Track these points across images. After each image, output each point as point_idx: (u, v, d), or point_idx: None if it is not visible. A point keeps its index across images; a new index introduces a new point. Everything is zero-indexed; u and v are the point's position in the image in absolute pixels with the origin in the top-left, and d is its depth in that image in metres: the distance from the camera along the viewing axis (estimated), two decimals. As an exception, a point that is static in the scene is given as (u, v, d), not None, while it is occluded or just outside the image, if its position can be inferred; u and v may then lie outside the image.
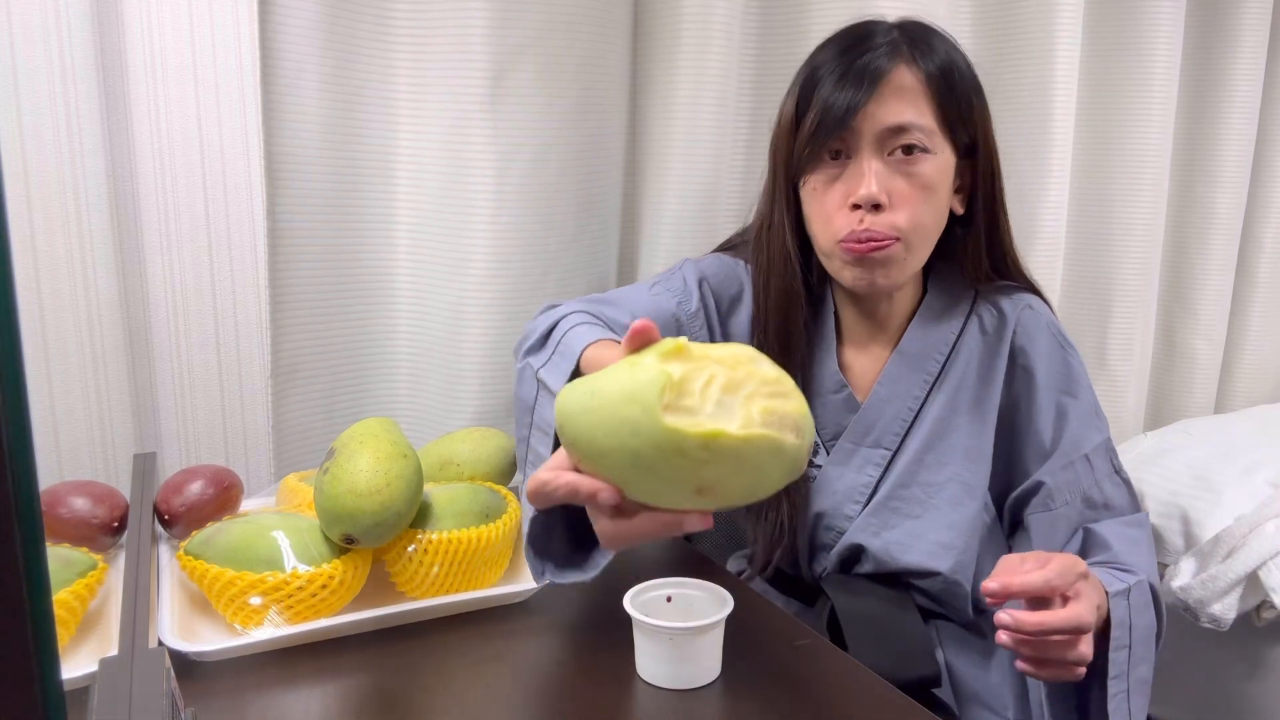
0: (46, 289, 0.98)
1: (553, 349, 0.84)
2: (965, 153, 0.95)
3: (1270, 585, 1.23)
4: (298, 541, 0.82)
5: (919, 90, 0.90)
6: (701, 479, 0.53)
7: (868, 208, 0.89)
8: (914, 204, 0.90)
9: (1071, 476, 0.95)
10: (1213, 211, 1.68)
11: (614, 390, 0.53)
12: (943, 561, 0.95)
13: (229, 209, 1.07)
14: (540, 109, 1.18)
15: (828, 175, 0.92)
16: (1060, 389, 0.98)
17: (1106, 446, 0.98)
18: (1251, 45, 1.62)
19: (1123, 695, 0.84)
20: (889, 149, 0.89)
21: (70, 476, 0.99)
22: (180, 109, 1.03)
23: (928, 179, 0.90)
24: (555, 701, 0.74)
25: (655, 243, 1.30)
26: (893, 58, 0.89)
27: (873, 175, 0.89)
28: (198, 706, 0.72)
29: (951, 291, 1.01)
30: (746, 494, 0.55)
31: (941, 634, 0.98)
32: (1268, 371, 1.82)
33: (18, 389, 0.27)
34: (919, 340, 0.99)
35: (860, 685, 0.77)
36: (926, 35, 0.93)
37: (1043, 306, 1.02)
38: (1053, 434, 0.97)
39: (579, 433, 0.55)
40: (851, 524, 0.98)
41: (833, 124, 0.89)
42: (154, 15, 1.00)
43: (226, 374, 1.10)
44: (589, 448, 0.55)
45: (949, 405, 0.98)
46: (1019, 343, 0.99)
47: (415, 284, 1.22)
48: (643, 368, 0.53)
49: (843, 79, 0.89)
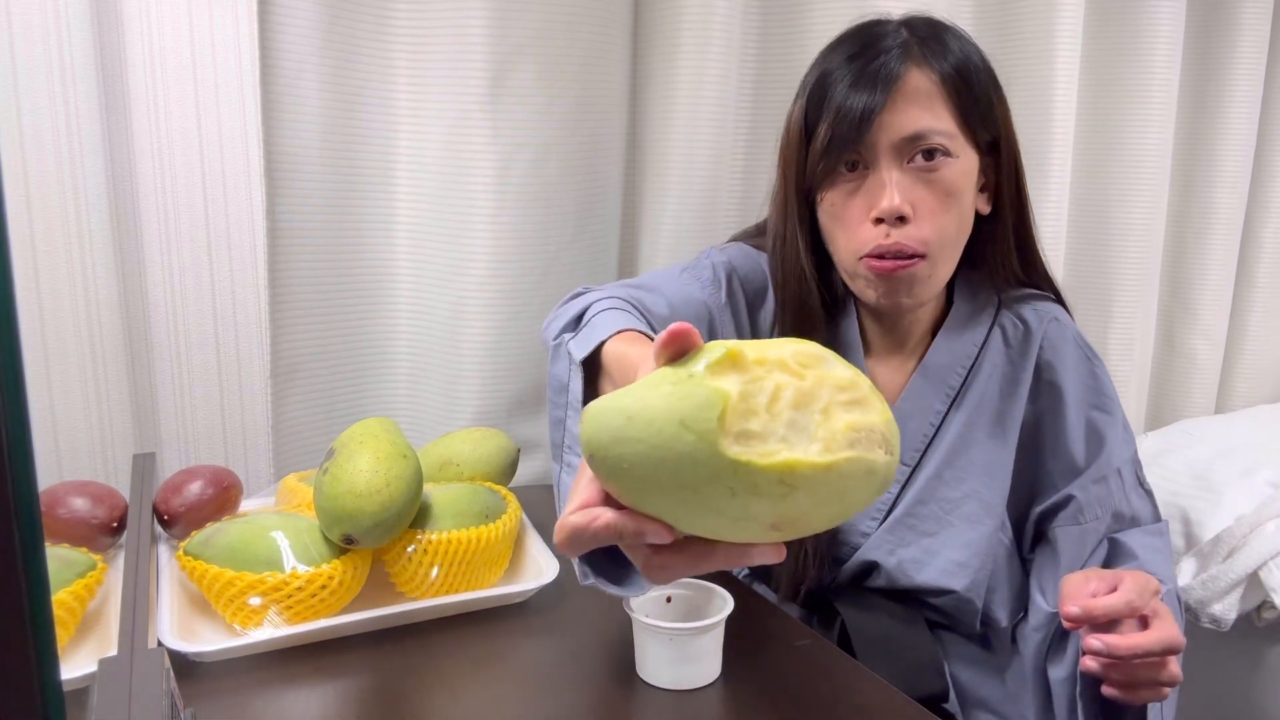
0: (46, 289, 0.98)
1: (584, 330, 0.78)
2: (988, 150, 0.90)
3: (1271, 585, 1.23)
4: (297, 542, 0.82)
5: (935, 93, 0.85)
6: (778, 515, 0.43)
7: (891, 221, 0.85)
8: (938, 214, 0.86)
9: (1104, 491, 0.94)
10: (1213, 212, 1.68)
11: (658, 414, 0.43)
12: (957, 580, 0.93)
13: (229, 209, 1.07)
14: (540, 109, 1.18)
15: (846, 189, 0.87)
16: (1091, 404, 0.95)
17: (1134, 460, 0.96)
18: (1251, 45, 1.62)
19: (1159, 706, 0.83)
20: (908, 157, 0.85)
21: (70, 477, 0.99)
22: (180, 109, 1.03)
23: (951, 185, 0.86)
24: (555, 701, 0.74)
25: (655, 243, 1.30)
26: (904, 61, 0.85)
27: (894, 187, 0.84)
28: (197, 707, 0.72)
29: (976, 300, 0.98)
30: (829, 523, 0.46)
31: (946, 645, 0.98)
32: (1268, 372, 1.82)
33: (18, 389, 0.27)
34: (944, 354, 0.96)
35: (860, 685, 0.77)
36: (937, 32, 0.88)
37: (1068, 319, 0.98)
38: (1085, 450, 0.94)
39: (616, 466, 0.45)
40: (867, 540, 0.95)
41: (848, 136, 0.84)
42: (153, 15, 1.00)
43: (226, 374, 1.10)
44: (631, 484, 0.45)
45: (969, 421, 0.95)
46: (1045, 357, 0.95)
47: (415, 284, 1.22)
48: (692, 384, 0.43)
49: (854, 87, 0.85)
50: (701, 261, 0.98)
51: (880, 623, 0.94)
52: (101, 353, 1.01)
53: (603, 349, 0.70)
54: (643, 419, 0.43)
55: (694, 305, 0.92)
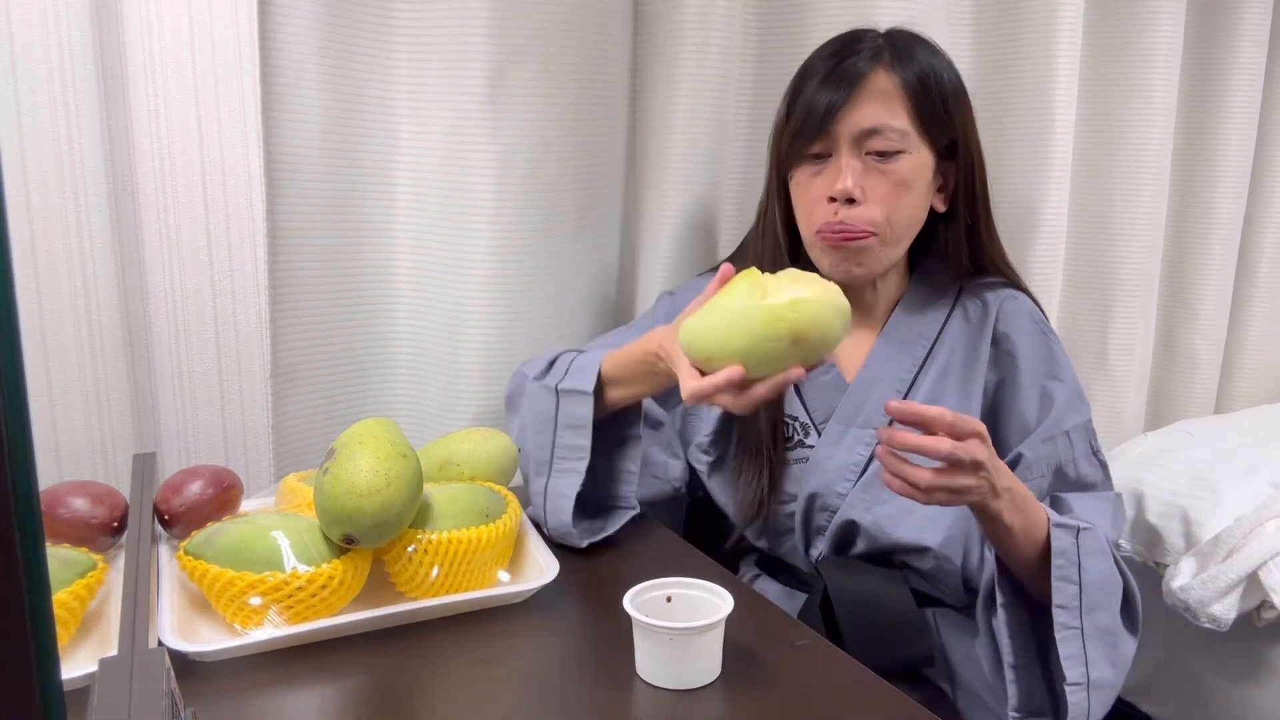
0: (46, 289, 0.98)
1: (564, 371, 1.00)
2: (946, 153, 1.00)
3: (1270, 585, 1.23)
4: (297, 541, 0.82)
5: (894, 94, 0.96)
6: (794, 330, 0.76)
7: (842, 201, 0.96)
8: (888, 199, 0.96)
9: (1050, 450, 0.98)
10: (1213, 212, 1.68)
11: (724, 304, 0.79)
12: (932, 535, 0.98)
13: (229, 209, 1.07)
14: (540, 109, 1.18)
15: (810, 171, 1.00)
16: (1044, 373, 1.01)
17: (1087, 427, 1.00)
18: (1251, 46, 1.62)
19: (1075, 632, 0.85)
20: (865, 149, 0.96)
21: (70, 476, 0.99)
22: (180, 109, 1.03)
23: (903, 176, 0.96)
24: (555, 701, 0.74)
25: (655, 242, 1.30)
26: (873, 62, 0.96)
27: (848, 171, 0.96)
28: (198, 706, 0.72)
29: (936, 284, 1.06)
30: (823, 342, 0.78)
31: (939, 620, 1.00)
32: (1268, 371, 1.82)
33: (18, 389, 0.27)
34: (904, 325, 1.05)
35: (860, 686, 0.77)
36: (910, 44, 0.99)
37: (1024, 298, 1.06)
38: (1037, 413, 1.00)
39: (708, 341, 0.79)
40: (844, 501, 1.00)
41: (813, 126, 0.97)
42: (153, 15, 1.00)
43: (226, 374, 1.10)
44: (718, 348, 0.79)
45: (936, 387, 1.02)
46: (1001, 329, 1.03)
47: (415, 284, 1.22)
48: (738, 284, 0.80)
49: (824, 83, 0.97)
50: (653, 313, 1.15)
51: (862, 585, 0.98)
52: (102, 352, 1.02)
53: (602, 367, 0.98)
54: (715, 310, 0.80)
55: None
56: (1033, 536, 0.86)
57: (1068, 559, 0.85)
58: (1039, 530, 0.86)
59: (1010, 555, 0.88)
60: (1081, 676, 0.84)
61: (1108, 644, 0.86)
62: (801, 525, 1.04)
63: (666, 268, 1.29)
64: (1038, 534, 0.86)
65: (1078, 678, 0.84)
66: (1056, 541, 0.85)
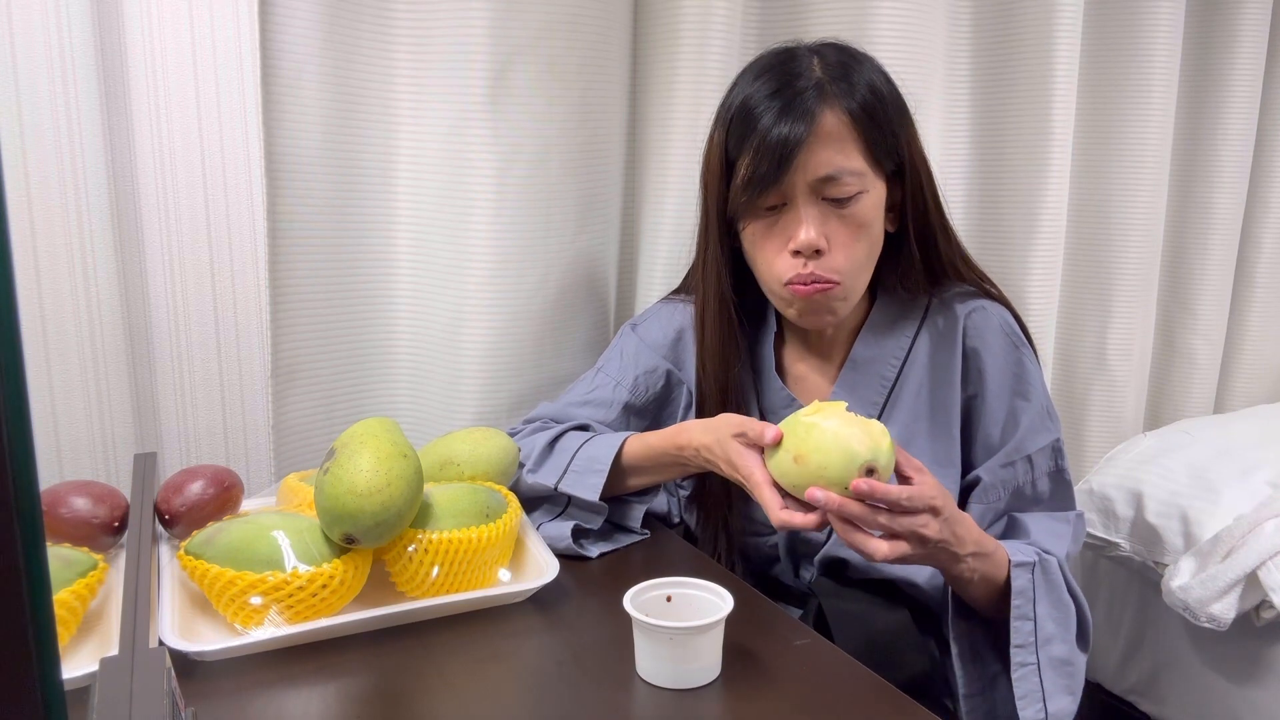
0: (46, 289, 0.98)
1: (566, 464, 1.00)
2: (894, 175, 0.96)
3: (1269, 585, 1.23)
4: (298, 541, 0.82)
5: (845, 134, 0.91)
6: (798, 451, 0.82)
7: (808, 253, 0.92)
8: (850, 245, 0.93)
9: (1009, 475, 0.98)
10: (1212, 212, 1.69)
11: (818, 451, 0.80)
12: (921, 572, 0.98)
13: (229, 209, 1.07)
14: (540, 109, 1.18)
15: (766, 221, 0.94)
16: (1013, 391, 0.99)
17: (1053, 448, 0.99)
18: (1251, 45, 1.62)
19: (1032, 667, 0.86)
20: (822, 194, 0.91)
21: (70, 476, 0.99)
22: (180, 109, 1.03)
23: (862, 218, 0.92)
24: (555, 701, 0.75)
25: (655, 242, 1.30)
26: (819, 101, 0.90)
27: (810, 222, 0.91)
28: (198, 706, 0.72)
29: (902, 301, 1.03)
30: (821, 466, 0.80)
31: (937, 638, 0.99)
32: (1267, 371, 1.83)
33: (18, 389, 0.27)
34: (870, 348, 1.02)
35: (860, 686, 0.77)
36: (846, 68, 0.93)
37: (996, 308, 1.01)
38: (1000, 435, 0.99)
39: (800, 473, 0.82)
40: (825, 538, 1.00)
41: (768, 176, 0.90)
42: (154, 14, 1.00)
43: (226, 374, 1.11)
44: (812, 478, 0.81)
45: (910, 413, 1.00)
46: (970, 344, 1.00)
47: (415, 284, 1.22)
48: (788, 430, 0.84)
49: (775, 126, 0.90)
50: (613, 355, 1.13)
51: (857, 603, 0.98)
52: (102, 353, 1.02)
53: (622, 454, 1.00)
54: (805, 461, 0.81)
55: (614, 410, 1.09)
56: (993, 581, 0.87)
57: (1025, 598, 0.87)
58: (999, 573, 0.87)
59: (971, 599, 0.90)
60: (1039, 713, 0.86)
61: (1065, 673, 0.88)
62: (787, 555, 1.04)
63: (666, 268, 1.29)
64: (998, 577, 0.87)
65: (1035, 715, 0.85)
66: (1016, 581, 0.87)
